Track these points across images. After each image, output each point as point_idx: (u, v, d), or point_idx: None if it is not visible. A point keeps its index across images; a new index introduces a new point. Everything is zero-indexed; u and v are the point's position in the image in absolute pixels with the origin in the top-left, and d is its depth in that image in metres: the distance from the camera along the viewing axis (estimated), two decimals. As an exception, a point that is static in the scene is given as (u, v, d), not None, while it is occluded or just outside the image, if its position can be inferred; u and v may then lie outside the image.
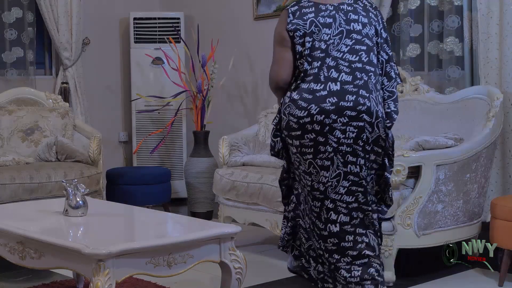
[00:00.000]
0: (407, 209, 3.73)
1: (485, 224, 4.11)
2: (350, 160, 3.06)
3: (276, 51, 3.19)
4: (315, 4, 3.15)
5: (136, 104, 6.36)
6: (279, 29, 3.18)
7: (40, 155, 4.94)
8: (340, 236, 3.11)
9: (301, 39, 3.11)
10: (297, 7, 3.16)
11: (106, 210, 3.62)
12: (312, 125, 3.03)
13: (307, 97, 3.05)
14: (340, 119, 3.02)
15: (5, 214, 3.47)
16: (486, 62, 4.41)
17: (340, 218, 3.10)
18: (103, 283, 2.59)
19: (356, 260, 3.10)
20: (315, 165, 3.08)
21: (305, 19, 3.11)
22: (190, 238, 2.89)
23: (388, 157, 3.18)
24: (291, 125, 3.08)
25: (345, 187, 3.08)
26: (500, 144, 4.35)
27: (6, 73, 5.92)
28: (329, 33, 3.09)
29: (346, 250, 3.11)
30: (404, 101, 4.60)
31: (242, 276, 3.02)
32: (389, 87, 3.21)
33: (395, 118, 3.18)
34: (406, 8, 4.95)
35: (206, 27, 6.35)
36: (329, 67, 3.07)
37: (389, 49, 3.23)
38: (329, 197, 3.09)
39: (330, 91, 3.03)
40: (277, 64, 3.18)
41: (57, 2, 5.93)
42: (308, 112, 3.03)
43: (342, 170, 3.07)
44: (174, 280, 3.30)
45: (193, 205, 5.82)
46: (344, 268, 3.11)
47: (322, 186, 3.09)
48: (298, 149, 3.09)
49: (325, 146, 3.04)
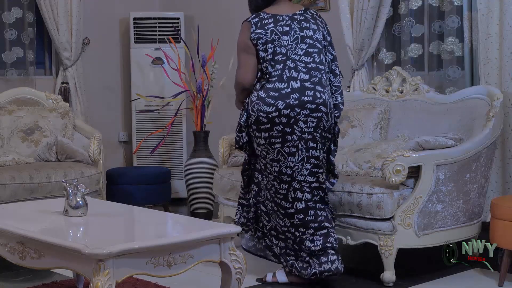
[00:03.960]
0: (407, 209, 3.73)
1: (485, 224, 4.11)
2: (311, 146, 3.64)
3: (241, 57, 3.72)
4: (273, 16, 3.70)
5: (136, 104, 6.36)
6: (243, 38, 3.70)
7: (40, 155, 4.94)
8: (305, 211, 3.66)
9: (264, 46, 3.65)
10: (258, 19, 3.69)
11: (106, 210, 3.62)
12: (280, 118, 3.58)
13: (274, 95, 3.60)
14: (303, 111, 3.59)
15: (5, 214, 3.47)
16: (486, 62, 4.42)
17: (304, 196, 3.66)
18: (103, 283, 2.59)
19: (318, 231, 3.67)
20: (283, 153, 3.62)
21: (266, 29, 3.66)
22: (190, 238, 2.89)
23: (334, 143, 3.79)
24: (260, 120, 3.60)
25: (308, 169, 3.65)
26: (500, 144, 4.35)
27: (6, 73, 5.93)
28: (287, 39, 3.66)
29: (309, 223, 3.67)
30: (404, 101, 4.60)
31: (242, 276, 3.02)
32: (336, 83, 3.80)
33: (342, 109, 3.81)
34: (407, 8, 4.96)
35: (206, 27, 6.35)
36: (290, 68, 3.64)
37: (333, 50, 3.81)
38: (295, 179, 3.64)
39: (293, 88, 3.60)
40: (243, 69, 3.71)
41: (57, 2, 5.93)
42: (276, 108, 3.58)
43: (305, 155, 3.64)
44: (174, 280, 3.30)
45: (193, 205, 5.82)
46: (308, 239, 3.66)
47: (289, 170, 3.63)
48: (267, 140, 3.61)
49: (291, 135, 3.59)
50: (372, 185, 3.81)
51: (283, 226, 3.72)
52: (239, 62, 3.74)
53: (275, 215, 3.74)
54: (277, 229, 3.76)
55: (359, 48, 5.12)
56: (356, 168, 4.13)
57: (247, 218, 3.89)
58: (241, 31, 3.74)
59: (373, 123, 4.59)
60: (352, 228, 3.90)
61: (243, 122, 3.71)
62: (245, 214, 3.89)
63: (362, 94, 4.87)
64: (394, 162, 3.70)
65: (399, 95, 4.66)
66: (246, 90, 3.74)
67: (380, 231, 3.77)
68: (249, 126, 3.68)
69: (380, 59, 5.21)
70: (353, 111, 4.71)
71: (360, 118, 4.63)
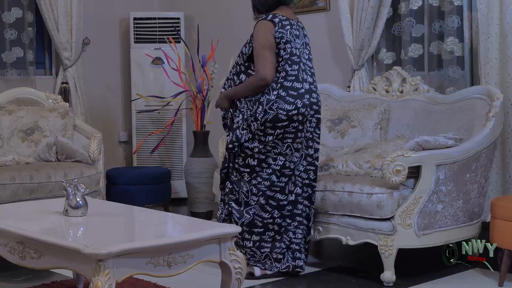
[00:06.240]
0: (407, 209, 3.73)
1: (485, 224, 4.11)
2: (309, 145, 3.93)
3: (266, 54, 3.80)
4: (288, 19, 3.89)
5: (136, 104, 6.36)
6: (268, 36, 3.81)
7: (40, 155, 4.94)
8: (294, 204, 3.91)
9: (284, 45, 3.82)
10: (279, 19, 3.85)
11: (106, 210, 3.63)
12: (298, 116, 3.81)
13: (293, 94, 3.81)
14: (311, 112, 3.88)
15: (5, 214, 3.47)
16: (486, 62, 4.42)
17: (296, 190, 3.91)
18: (103, 283, 2.59)
19: (300, 226, 3.94)
20: (291, 148, 3.84)
21: (286, 29, 3.84)
22: (190, 238, 2.89)
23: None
24: (279, 117, 3.78)
25: (304, 166, 3.93)
26: (500, 144, 4.35)
27: (6, 73, 5.93)
28: (299, 42, 3.90)
29: (296, 216, 3.92)
30: (404, 101, 4.60)
31: (242, 276, 3.02)
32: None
33: None
34: (407, 8, 4.96)
35: (206, 27, 6.35)
36: (302, 70, 3.87)
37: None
38: (294, 174, 3.89)
39: (306, 89, 3.86)
40: (270, 65, 3.80)
41: (57, 2, 5.93)
42: (295, 106, 3.79)
43: (304, 152, 3.92)
44: (174, 280, 3.30)
45: (193, 205, 5.82)
46: (291, 230, 3.92)
47: (292, 164, 3.87)
48: (279, 136, 3.80)
49: (301, 132, 3.86)
50: (372, 185, 3.81)
51: (268, 218, 3.87)
52: (265, 59, 3.78)
53: (258, 209, 3.86)
54: (254, 223, 3.87)
55: (359, 48, 5.12)
56: (356, 168, 4.13)
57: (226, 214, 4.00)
58: (263, 29, 3.82)
59: (373, 123, 4.59)
60: (352, 228, 3.90)
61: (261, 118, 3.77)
62: (225, 211, 3.99)
63: (362, 94, 4.87)
64: (394, 162, 3.70)
65: (399, 95, 4.66)
66: (266, 87, 3.81)
67: (380, 231, 3.77)
68: (262, 123, 3.78)
69: (380, 59, 5.21)
70: (353, 111, 4.71)
71: (360, 118, 4.63)
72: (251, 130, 3.81)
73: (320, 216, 4.05)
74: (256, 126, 3.79)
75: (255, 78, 3.81)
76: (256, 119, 3.79)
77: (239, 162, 3.90)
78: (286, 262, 3.91)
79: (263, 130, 3.80)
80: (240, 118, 3.87)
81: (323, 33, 5.65)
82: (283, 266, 3.91)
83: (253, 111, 3.83)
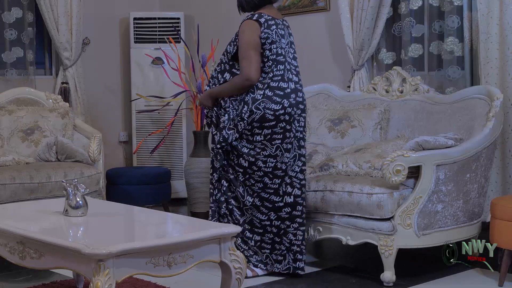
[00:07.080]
0: (407, 209, 3.73)
1: (485, 224, 4.11)
2: (301, 144, 3.94)
3: (252, 55, 3.79)
4: (273, 18, 3.87)
5: (136, 104, 6.36)
6: (254, 36, 3.80)
7: (40, 155, 4.94)
8: (293, 206, 3.89)
9: (270, 46, 3.81)
10: (264, 19, 3.83)
11: (106, 210, 3.62)
12: (284, 116, 3.80)
13: (280, 94, 3.80)
14: (297, 111, 3.87)
15: (5, 214, 3.47)
16: (486, 62, 4.42)
17: (294, 191, 3.89)
18: (103, 283, 2.59)
19: (301, 227, 3.92)
20: (281, 148, 3.82)
21: (271, 29, 3.83)
22: (190, 238, 2.89)
23: None
24: (266, 117, 3.77)
25: (299, 166, 3.92)
26: (500, 144, 4.35)
27: (6, 73, 5.93)
28: (284, 42, 3.89)
29: (295, 218, 3.90)
30: (404, 101, 4.60)
31: (242, 276, 3.02)
32: None
33: None
34: (407, 8, 4.96)
35: (206, 27, 6.35)
36: (287, 69, 3.87)
37: None
38: (288, 174, 3.87)
39: (291, 89, 3.85)
40: (255, 65, 3.79)
41: (57, 2, 5.93)
42: (282, 106, 3.79)
43: (297, 152, 3.91)
44: (174, 280, 3.30)
45: (193, 205, 5.82)
46: (291, 232, 3.90)
47: (284, 165, 3.85)
48: (267, 137, 3.80)
49: (290, 132, 3.84)
50: (372, 185, 3.81)
51: (265, 220, 3.88)
52: (250, 59, 3.79)
53: (255, 210, 3.87)
54: (254, 223, 3.89)
55: (359, 48, 5.12)
56: (356, 168, 4.13)
57: (220, 214, 3.97)
58: (248, 29, 3.82)
59: (373, 123, 4.59)
60: (352, 228, 3.90)
61: (243, 119, 3.78)
62: (224, 210, 3.96)
63: (362, 94, 4.87)
64: (394, 162, 3.70)
65: (399, 95, 4.66)
66: (250, 87, 3.81)
67: (380, 231, 3.77)
68: (249, 123, 3.77)
69: (380, 59, 5.21)
70: (353, 111, 4.71)
71: (360, 118, 4.63)
72: (238, 130, 3.81)
73: (320, 216, 4.05)
74: (243, 126, 3.79)
75: (240, 78, 3.82)
76: (242, 119, 3.79)
77: (234, 160, 3.88)
78: (287, 264, 3.91)
79: (250, 130, 3.80)
80: (226, 118, 3.87)
81: (323, 33, 5.65)
82: (284, 267, 3.91)
83: (239, 111, 3.83)
